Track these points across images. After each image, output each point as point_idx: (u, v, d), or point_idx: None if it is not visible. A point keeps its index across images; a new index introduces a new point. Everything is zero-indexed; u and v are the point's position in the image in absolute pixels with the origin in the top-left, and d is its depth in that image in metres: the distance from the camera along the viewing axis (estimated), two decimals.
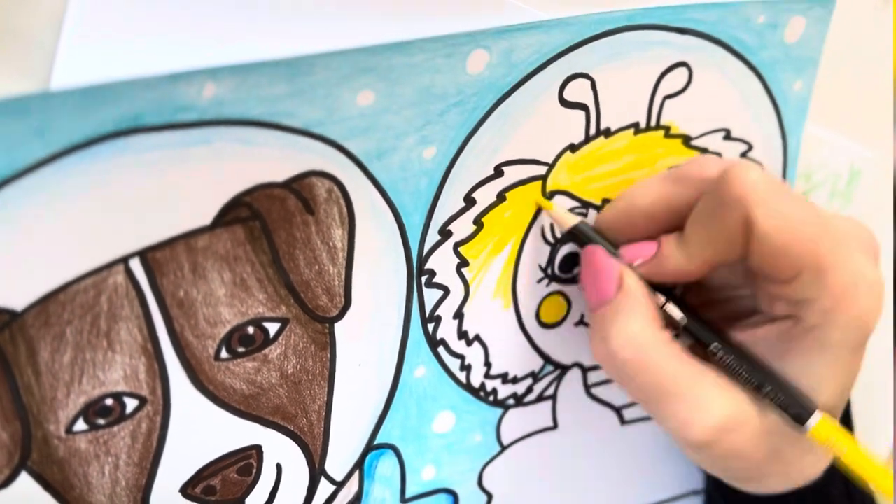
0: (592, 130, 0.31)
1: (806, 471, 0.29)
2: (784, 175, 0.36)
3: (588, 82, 0.29)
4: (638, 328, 0.28)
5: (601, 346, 0.28)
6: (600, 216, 0.31)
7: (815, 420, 0.27)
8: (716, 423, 0.27)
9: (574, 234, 0.31)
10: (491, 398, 0.32)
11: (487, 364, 0.32)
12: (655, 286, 0.30)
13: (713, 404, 0.27)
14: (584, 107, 0.30)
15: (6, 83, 0.22)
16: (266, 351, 0.27)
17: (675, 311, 0.29)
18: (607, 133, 0.31)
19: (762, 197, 0.26)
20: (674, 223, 0.29)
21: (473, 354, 0.31)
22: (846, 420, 0.34)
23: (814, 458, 0.29)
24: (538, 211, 0.31)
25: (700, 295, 0.31)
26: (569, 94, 0.29)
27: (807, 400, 0.28)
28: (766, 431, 0.28)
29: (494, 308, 0.31)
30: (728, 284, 0.31)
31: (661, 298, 0.29)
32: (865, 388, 0.41)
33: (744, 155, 0.35)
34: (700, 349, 0.29)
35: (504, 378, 0.32)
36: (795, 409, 0.28)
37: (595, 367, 0.34)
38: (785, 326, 0.28)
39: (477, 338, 0.31)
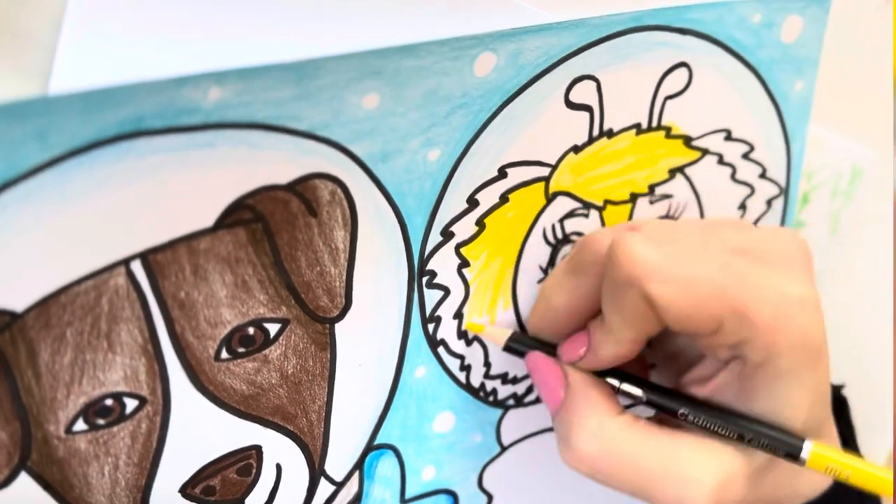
0: (596, 131, 0.31)
1: (814, 484, 0.29)
2: (788, 176, 0.36)
3: (594, 84, 0.29)
4: (595, 423, 0.28)
5: (566, 450, 0.28)
6: (529, 322, 0.31)
7: (808, 452, 0.27)
8: (709, 490, 0.26)
9: (512, 347, 0.31)
10: (491, 398, 0.32)
11: (487, 364, 0.32)
12: (605, 372, 0.29)
13: (700, 472, 0.27)
14: (588, 108, 0.30)
15: (5, 86, 0.22)
16: (266, 351, 0.27)
17: (633, 389, 0.29)
18: (610, 134, 0.31)
19: (651, 270, 0.26)
20: (593, 308, 0.29)
21: (473, 355, 0.31)
22: (840, 415, 0.34)
23: (817, 476, 0.29)
24: (540, 212, 0.31)
25: (652, 355, 0.31)
26: (574, 96, 0.29)
27: (791, 435, 0.27)
28: (761, 474, 0.28)
29: (495, 308, 0.31)
30: (672, 342, 0.31)
31: (615, 382, 0.29)
32: (865, 388, 0.41)
33: (746, 156, 0.35)
34: (669, 416, 0.29)
35: (504, 378, 0.32)
36: (784, 448, 0.27)
37: None
38: (737, 368, 0.28)
39: (476, 338, 0.31)
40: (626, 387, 0.29)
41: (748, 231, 0.29)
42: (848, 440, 0.33)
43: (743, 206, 0.36)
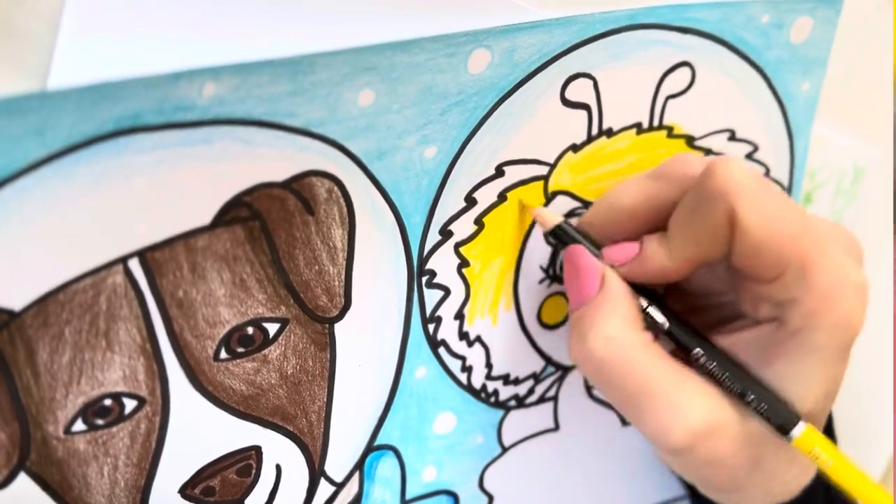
0: (594, 130, 0.31)
1: (789, 484, 0.29)
2: (791, 176, 0.36)
3: (590, 82, 0.29)
4: (618, 327, 0.27)
5: (578, 344, 0.28)
6: (584, 217, 0.30)
7: (800, 430, 0.27)
8: (695, 427, 0.26)
9: (557, 235, 0.30)
10: (492, 399, 0.32)
11: (489, 365, 0.32)
12: (639, 289, 0.29)
13: (693, 408, 0.27)
14: (586, 107, 0.30)
15: (3, 82, 0.22)
16: (265, 351, 0.27)
17: (658, 315, 0.29)
18: (609, 133, 0.31)
19: (746, 192, 0.26)
20: (657, 223, 0.29)
21: (474, 355, 0.31)
22: (828, 432, 0.33)
23: (797, 470, 0.29)
24: None
25: (683, 301, 0.31)
26: (570, 94, 0.29)
27: (791, 409, 0.27)
28: (747, 439, 0.27)
29: (496, 309, 0.31)
30: (711, 289, 0.31)
31: (644, 301, 0.29)
32: (865, 392, 0.40)
33: (749, 156, 0.34)
34: (683, 355, 0.29)
35: (505, 379, 0.32)
36: (779, 418, 0.27)
37: None
38: (769, 330, 0.27)
39: (478, 339, 0.31)
40: (653, 311, 0.29)
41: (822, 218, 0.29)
42: None
43: None
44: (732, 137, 0.34)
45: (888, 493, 0.27)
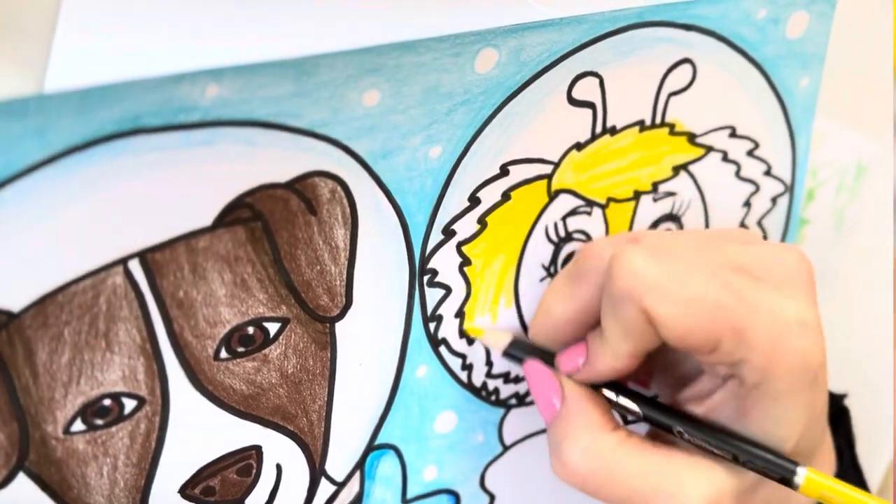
0: (599, 129, 0.30)
1: (802, 502, 0.29)
2: (794, 173, 0.36)
3: (597, 80, 0.29)
4: (588, 438, 0.28)
5: (557, 462, 0.28)
6: (530, 330, 0.31)
7: (802, 477, 0.27)
8: None
9: (511, 353, 0.30)
10: (493, 398, 0.32)
11: (489, 363, 0.32)
12: (602, 384, 0.29)
13: (689, 491, 0.27)
14: (591, 105, 0.29)
15: (0, 83, 0.22)
16: (266, 351, 0.27)
17: (630, 404, 0.29)
18: (613, 131, 0.31)
19: (651, 287, 0.26)
20: (593, 318, 0.29)
21: (475, 354, 0.31)
22: (839, 425, 0.34)
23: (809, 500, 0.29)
24: (543, 209, 0.31)
25: (649, 364, 0.31)
26: (577, 93, 0.29)
27: (784, 458, 0.27)
28: (750, 492, 0.28)
29: (496, 307, 0.31)
30: (670, 357, 0.31)
31: (612, 394, 0.29)
32: (866, 393, 0.41)
33: (750, 153, 0.34)
34: (662, 431, 0.29)
35: (506, 378, 0.32)
36: (777, 471, 0.27)
37: None
38: (733, 387, 0.28)
39: None
40: (623, 400, 0.29)
41: (750, 246, 0.28)
42: (844, 453, 0.33)
43: (748, 204, 0.35)
44: (733, 134, 0.33)
45: None
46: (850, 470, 0.33)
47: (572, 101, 0.29)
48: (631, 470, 0.27)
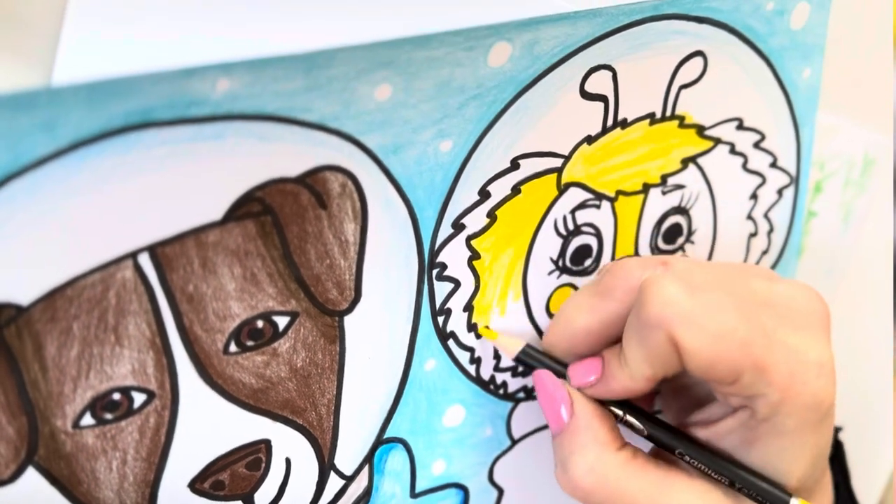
0: (610, 122, 0.30)
1: None
2: (798, 165, 0.36)
3: (610, 73, 0.29)
4: (593, 456, 0.28)
5: (563, 476, 0.28)
6: (545, 337, 0.31)
7: None
8: None
9: (521, 360, 0.30)
10: (501, 391, 0.32)
11: (497, 357, 0.31)
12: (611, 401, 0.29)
13: None
14: (603, 98, 0.29)
15: (8, 76, 0.22)
16: (275, 345, 0.26)
17: (636, 423, 0.29)
18: (624, 124, 0.30)
19: (681, 316, 0.26)
20: (614, 336, 0.29)
21: (483, 347, 0.31)
22: (834, 458, 0.34)
23: None
24: (552, 203, 0.30)
25: (660, 385, 0.31)
26: (590, 86, 0.28)
27: (780, 489, 0.28)
28: None
29: (504, 300, 0.31)
30: (683, 378, 0.31)
31: (619, 412, 0.29)
32: (866, 405, 0.41)
33: (757, 145, 0.34)
34: (665, 450, 0.29)
35: (514, 371, 0.32)
36: (772, 501, 0.28)
37: None
38: (744, 417, 0.28)
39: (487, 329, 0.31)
40: (630, 419, 0.29)
41: (775, 284, 0.29)
42: (840, 486, 0.34)
43: (754, 196, 0.35)
44: (740, 126, 0.33)
45: None
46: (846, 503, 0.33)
47: (585, 95, 0.29)
48: (633, 490, 0.28)
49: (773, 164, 0.35)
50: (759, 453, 0.28)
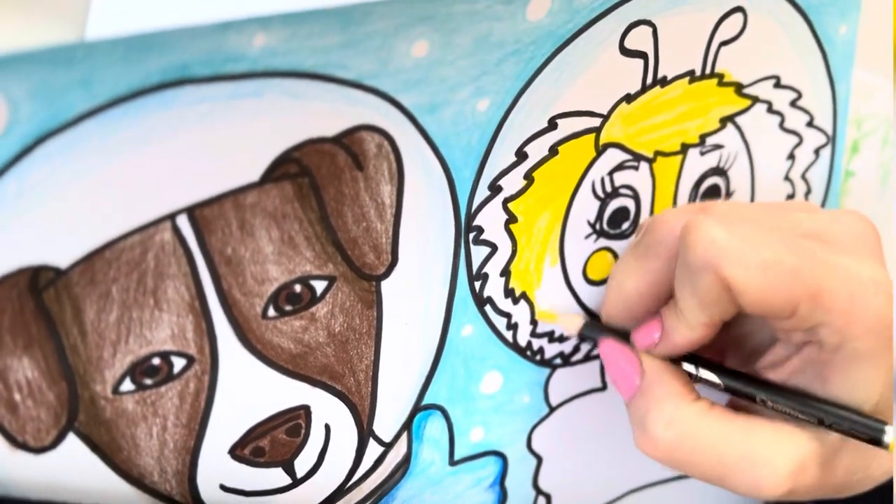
0: (649, 80, 0.29)
1: (886, 467, 0.29)
2: (835, 124, 0.35)
3: (650, 29, 0.28)
4: (672, 409, 0.28)
5: (642, 436, 0.28)
6: (602, 310, 0.31)
7: (891, 436, 0.27)
8: (785, 473, 0.27)
9: (584, 336, 0.30)
10: (538, 357, 0.32)
11: (534, 322, 0.31)
12: (680, 357, 0.29)
13: (775, 457, 0.27)
14: (643, 55, 0.29)
15: (41, 30, 0.21)
16: (313, 309, 0.26)
17: (711, 376, 0.29)
18: (664, 82, 0.30)
19: (727, 255, 0.26)
20: (666, 293, 0.29)
21: (520, 312, 0.31)
22: None
23: (881, 457, 0.29)
24: (590, 165, 0.30)
25: (720, 338, 0.30)
26: (630, 42, 0.28)
27: (872, 419, 0.27)
28: (834, 457, 0.28)
29: (542, 266, 0.30)
30: (743, 324, 0.30)
31: (692, 368, 0.29)
32: None
33: (794, 103, 0.34)
34: (747, 401, 0.29)
35: (550, 337, 0.32)
36: (866, 432, 0.27)
37: None
38: (812, 352, 0.27)
39: (523, 295, 0.30)
40: (704, 373, 0.29)
41: (817, 213, 0.28)
42: None
43: (792, 156, 0.35)
44: (777, 84, 0.33)
45: None
46: None
47: (624, 51, 0.28)
48: (716, 438, 0.27)
49: (810, 124, 0.34)
50: (835, 385, 0.27)
